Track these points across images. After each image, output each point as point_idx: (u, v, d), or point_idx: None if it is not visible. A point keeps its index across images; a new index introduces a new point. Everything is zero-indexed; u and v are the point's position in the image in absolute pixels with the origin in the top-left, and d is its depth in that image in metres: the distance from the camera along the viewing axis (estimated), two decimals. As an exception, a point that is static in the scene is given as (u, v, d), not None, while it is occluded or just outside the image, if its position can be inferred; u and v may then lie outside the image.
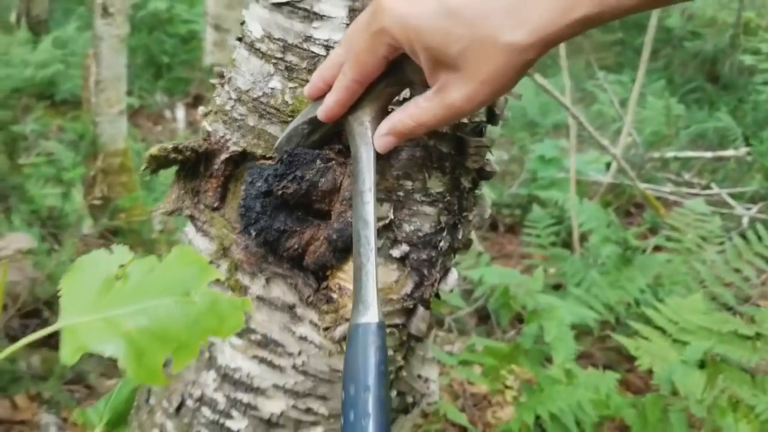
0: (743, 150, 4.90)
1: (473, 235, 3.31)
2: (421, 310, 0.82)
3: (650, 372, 2.12)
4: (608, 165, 4.29)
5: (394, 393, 0.95)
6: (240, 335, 0.83)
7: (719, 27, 8.33)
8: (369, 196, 0.69)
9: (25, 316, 1.74)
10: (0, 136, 3.28)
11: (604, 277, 2.65)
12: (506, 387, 2.28)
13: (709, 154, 5.00)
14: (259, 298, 0.82)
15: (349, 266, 0.78)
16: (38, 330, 1.67)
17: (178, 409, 0.88)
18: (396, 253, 0.77)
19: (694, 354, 1.87)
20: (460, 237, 0.81)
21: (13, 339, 1.86)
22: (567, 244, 3.46)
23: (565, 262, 3.14)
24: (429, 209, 0.76)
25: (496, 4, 0.58)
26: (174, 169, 0.84)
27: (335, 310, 0.79)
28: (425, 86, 0.66)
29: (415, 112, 0.66)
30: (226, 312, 0.49)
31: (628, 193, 4.31)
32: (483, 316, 3.03)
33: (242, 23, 0.79)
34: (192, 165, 0.82)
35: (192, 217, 0.85)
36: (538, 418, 1.84)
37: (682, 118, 5.47)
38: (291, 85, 0.74)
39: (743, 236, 3.09)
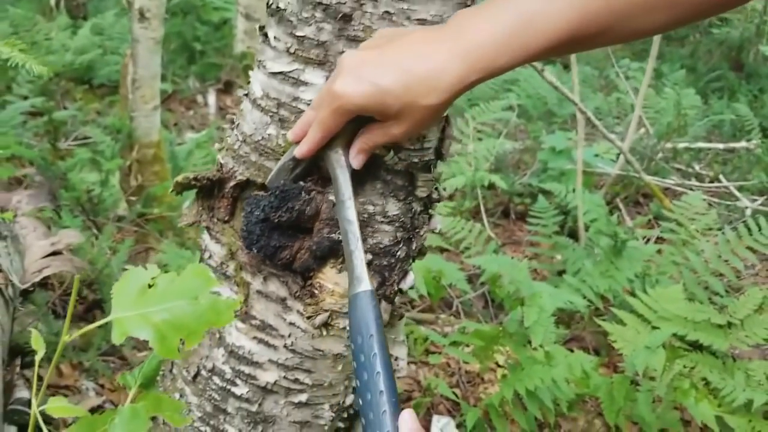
0: (754, 142, 5.00)
1: (485, 223, 3.49)
2: (384, 303, 1.05)
3: (629, 356, 2.32)
4: (618, 155, 4.44)
5: (367, 368, 1.17)
6: (243, 321, 1.07)
7: (748, 14, 8.26)
8: (349, 203, 0.92)
9: (67, 295, 1.99)
10: (43, 122, 3.55)
11: (596, 267, 2.84)
12: (498, 366, 2.50)
13: (720, 146, 5.12)
14: (258, 292, 1.05)
15: (327, 270, 1.01)
16: (77, 307, 1.94)
17: (195, 377, 1.13)
18: (362, 260, 0.99)
19: (658, 339, 2.06)
20: (414, 248, 1.03)
21: (57, 315, 2.12)
22: (572, 233, 3.64)
23: (567, 251, 3.33)
24: (387, 227, 0.98)
25: (414, 78, 0.82)
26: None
27: (316, 303, 1.02)
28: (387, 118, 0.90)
29: (371, 137, 0.91)
30: (222, 310, 0.72)
31: (636, 183, 4.45)
32: (489, 301, 3.25)
33: (248, 83, 1.01)
34: (208, 188, 1.06)
35: (208, 228, 1.08)
36: (519, 395, 2.05)
37: (699, 109, 5.55)
38: (283, 132, 0.97)
39: (736, 229, 3.25)
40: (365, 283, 0.89)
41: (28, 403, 1.48)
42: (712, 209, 3.49)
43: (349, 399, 1.15)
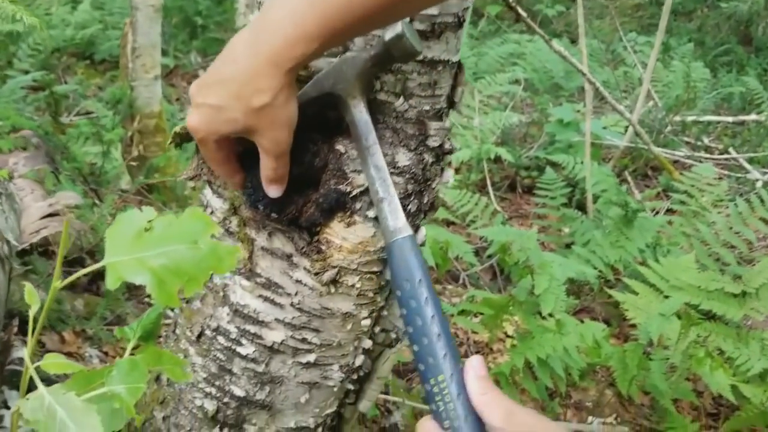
0: (764, 115, 4.93)
1: (491, 196, 3.46)
2: (393, 260, 1.00)
3: (641, 325, 2.28)
4: (627, 128, 4.38)
5: (378, 329, 1.14)
6: (248, 278, 1.02)
7: (758, -14, 8.14)
8: (375, 148, 0.88)
9: (69, 264, 1.96)
10: (44, 96, 3.50)
11: (606, 237, 2.80)
12: (507, 336, 2.47)
13: (730, 119, 5.05)
14: (263, 248, 1.01)
15: (334, 224, 0.97)
16: (81, 277, 1.90)
17: (198, 337, 1.09)
18: (371, 213, 0.95)
19: (671, 307, 2.02)
20: (425, 201, 0.99)
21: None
22: (580, 206, 3.59)
23: (575, 222, 3.29)
24: (397, 179, 0.94)
25: (235, 85, 0.80)
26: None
27: (323, 259, 0.98)
28: (407, 59, 0.86)
29: (265, 169, 0.88)
30: (223, 255, 0.68)
31: (645, 156, 4.40)
32: (496, 272, 3.21)
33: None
34: (209, 140, 1.01)
35: (209, 182, 1.04)
36: (530, 364, 2.02)
37: (708, 82, 5.48)
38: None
39: (748, 200, 3.20)
40: (405, 228, 0.85)
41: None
42: (722, 180, 3.44)
43: (359, 360, 1.11)
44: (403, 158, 0.93)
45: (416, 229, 1.02)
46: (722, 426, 2.35)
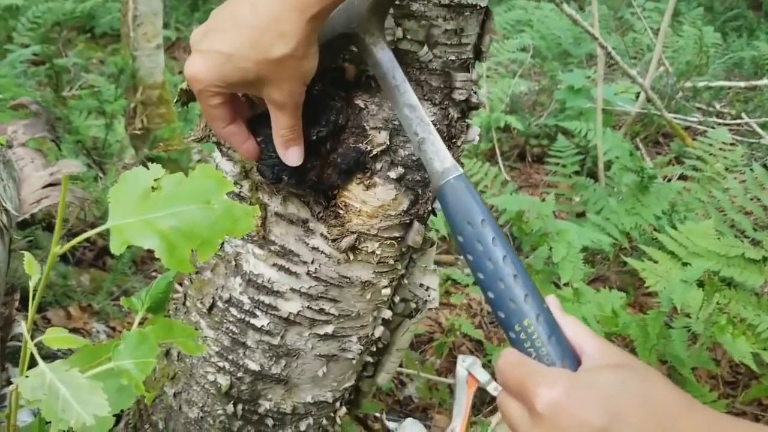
0: (777, 79, 4.82)
1: (501, 165, 3.38)
2: (416, 224, 0.94)
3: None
4: (637, 95, 4.28)
5: (398, 299, 1.08)
6: (261, 246, 0.97)
7: (767, -50, 7.97)
8: (405, 86, 0.79)
9: (72, 235, 1.90)
10: (45, 69, 3.42)
11: (621, 204, 2.73)
12: (522, 307, 2.41)
13: (742, 84, 4.94)
14: (277, 214, 0.95)
15: (353, 186, 0.90)
16: (85, 252, 1.84)
17: (210, 309, 1.03)
18: (393, 174, 0.88)
19: (694, 274, 1.96)
20: (450, 161, 0.92)
21: (62, 257, 2.03)
22: (592, 174, 3.52)
23: (587, 190, 3.22)
24: (421, 136, 0.87)
25: (254, 32, 0.73)
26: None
27: (341, 224, 0.92)
28: None
29: (276, 128, 0.81)
30: (239, 216, 0.62)
31: (657, 122, 4.31)
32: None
33: None
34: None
35: (218, 144, 0.97)
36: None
37: (719, 47, 5.36)
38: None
39: (765, 166, 3.12)
40: (455, 167, 0.76)
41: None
42: (738, 145, 3.36)
43: (378, 331, 1.06)
44: (427, 113, 0.86)
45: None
46: (741, 394, 2.31)
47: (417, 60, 0.84)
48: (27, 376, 0.60)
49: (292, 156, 0.83)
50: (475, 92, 0.90)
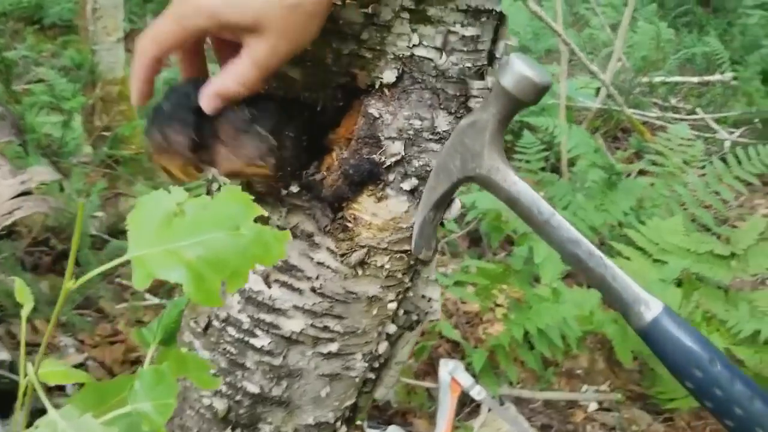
0: (729, 75, 4.94)
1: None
2: (426, 237, 0.90)
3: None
4: (597, 90, 4.32)
5: (401, 312, 1.04)
6: (262, 261, 0.91)
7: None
8: (556, 219, 0.71)
9: (37, 244, 1.81)
10: (-8, 62, 3.25)
11: (589, 201, 2.75)
12: (496, 305, 2.40)
13: (695, 79, 5.05)
14: (279, 228, 0.89)
15: (363, 198, 0.86)
16: (42, 256, 1.74)
17: (206, 329, 0.97)
18: (406, 185, 0.84)
19: (671, 273, 1.98)
20: (463, 171, 0.88)
21: (26, 267, 1.93)
22: (556, 169, 3.54)
23: (553, 187, 3.23)
24: (436, 146, 0.83)
25: None
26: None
27: (350, 238, 0.87)
28: (538, 99, 0.72)
29: (233, 75, 0.72)
30: (271, 243, 0.57)
31: (616, 118, 4.37)
32: (474, 239, 3.14)
33: None
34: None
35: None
36: (526, 333, 1.96)
37: (671, 42, 5.46)
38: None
39: (723, 160, 3.19)
40: (653, 301, 0.67)
41: (9, 366, 1.31)
42: (698, 140, 3.42)
43: (382, 347, 1.02)
44: (443, 122, 0.82)
45: (450, 201, 0.91)
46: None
47: (434, 67, 0.80)
48: (36, 427, 0.53)
49: (211, 105, 0.74)
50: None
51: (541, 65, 0.72)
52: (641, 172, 3.59)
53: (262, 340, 0.94)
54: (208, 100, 0.74)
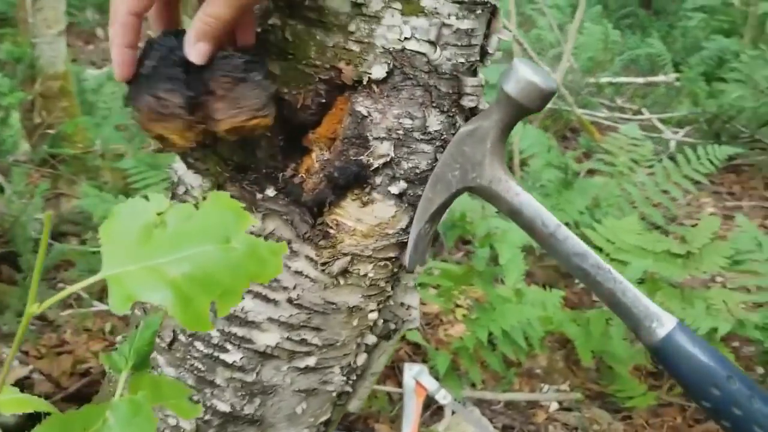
0: (672, 76, 5.05)
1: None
2: (412, 243, 0.85)
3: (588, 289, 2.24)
4: (548, 89, 4.34)
5: (381, 321, 0.98)
6: (234, 270, 0.84)
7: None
8: (562, 231, 0.68)
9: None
10: None
11: (545, 200, 2.74)
12: (457, 306, 2.37)
13: (640, 80, 5.14)
14: (254, 235, 0.82)
15: (347, 203, 0.80)
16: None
17: (171, 344, 0.90)
18: (394, 189, 0.79)
19: (635, 273, 1.98)
20: (452, 173, 0.83)
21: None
22: (508, 169, 3.53)
23: (507, 186, 3.22)
24: (426, 147, 0.78)
25: None
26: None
27: (332, 245, 0.81)
28: (543, 106, 0.69)
29: (206, 12, 0.67)
30: (266, 257, 0.50)
31: (565, 118, 4.40)
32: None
33: None
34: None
35: (183, 154, 0.84)
36: (490, 334, 1.93)
37: (618, 44, 5.54)
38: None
39: (672, 159, 3.23)
40: (666, 317, 0.63)
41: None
42: (646, 140, 3.46)
43: (361, 359, 0.96)
44: (435, 122, 0.77)
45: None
46: (666, 383, 2.36)
47: (427, 63, 0.74)
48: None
49: (199, 51, 0.68)
50: (481, 99, 0.81)
51: (544, 70, 0.68)
52: (590, 172, 3.62)
53: (233, 356, 0.87)
54: (195, 46, 0.67)
